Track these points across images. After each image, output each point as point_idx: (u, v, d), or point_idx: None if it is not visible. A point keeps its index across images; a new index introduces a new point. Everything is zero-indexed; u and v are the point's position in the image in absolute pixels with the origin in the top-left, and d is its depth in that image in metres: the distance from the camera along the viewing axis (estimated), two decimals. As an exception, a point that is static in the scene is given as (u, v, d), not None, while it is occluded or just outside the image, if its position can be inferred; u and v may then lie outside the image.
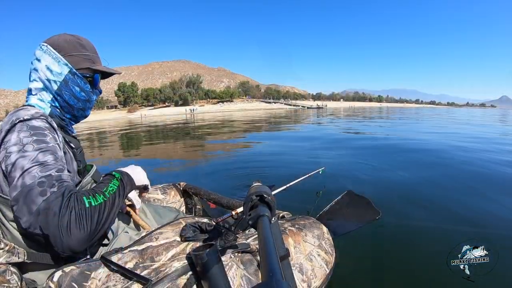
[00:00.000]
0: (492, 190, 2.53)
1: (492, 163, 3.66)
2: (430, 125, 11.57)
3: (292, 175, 2.11)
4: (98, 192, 0.69)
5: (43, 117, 0.71)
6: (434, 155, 4.36)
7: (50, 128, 0.71)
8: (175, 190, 1.64)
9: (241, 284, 0.70)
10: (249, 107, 57.52)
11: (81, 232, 0.60)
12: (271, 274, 0.29)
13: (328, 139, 6.97)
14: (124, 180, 0.80)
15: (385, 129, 9.69)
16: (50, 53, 0.77)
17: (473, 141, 5.96)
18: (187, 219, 0.91)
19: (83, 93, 0.83)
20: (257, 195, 0.53)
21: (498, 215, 1.98)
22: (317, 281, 0.90)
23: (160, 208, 1.23)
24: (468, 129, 9.44)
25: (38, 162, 0.62)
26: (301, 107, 58.06)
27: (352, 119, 16.02)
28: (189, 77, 77.49)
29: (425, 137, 7.11)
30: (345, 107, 62.39)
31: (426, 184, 2.81)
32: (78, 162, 0.84)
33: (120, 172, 0.82)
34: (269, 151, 5.41)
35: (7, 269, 0.66)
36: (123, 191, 0.77)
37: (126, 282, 0.63)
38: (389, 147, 5.36)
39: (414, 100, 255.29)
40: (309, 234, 1.01)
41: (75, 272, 0.62)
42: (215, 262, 0.57)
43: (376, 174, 3.30)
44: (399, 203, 2.26)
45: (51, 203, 0.58)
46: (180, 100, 66.11)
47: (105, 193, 0.70)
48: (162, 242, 0.76)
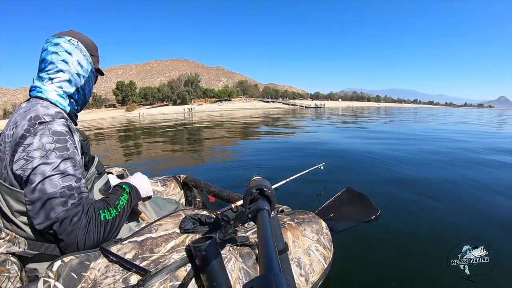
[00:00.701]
0: (492, 190, 2.52)
1: (492, 163, 3.66)
2: (433, 123, 11.52)
3: (292, 169, 2.11)
4: (111, 205, 0.76)
5: (64, 119, 0.73)
6: (434, 155, 4.35)
7: (69, 131, 0.73)
8: (175, 182, 1.64)
9: (239, 276, 0.70)
10: (247, 106, 57.46)
11: (93, 241, 0.68)
12: (269, 267, 0.29)
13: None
14: (132, 194, 0.87)
15: (387, 127, 9.65)
16: (81, 50, 0.83)
17: (473, 140, 5.94)
18: (186, 211, 0.91)
19: (92, 89, 0.93)
20: (257, 188, 0.52)
21: (498, 215, 1.97)
22: (315, 276, 0.91)
23: (160, 200, 1.24)
24: (466, 127, 9.41)
25: (60, 171, 0.66)
26: (299, 107, 57.80)
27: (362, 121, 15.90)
28: (188, 76, 77.20)
29: (425, 135, 7.10)
30: (343, 107, 62.07)
31: (427, 183, 2.81)
32: (85, 154, 0.86)
33: (129, 185, 0.89)
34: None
35: (7, 259, 0.67)
36: (130, 204, 0.85)
37: (125, 273, 0.63)
38: (389, 146, 5.35)
39: (412, 100, 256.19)
40: (308, 229, 1.01)
41: (75, 262, 0.62)
42: (214, 254, 0.57)
43: (376, 172, 3.30)
44: (399, 202, 2.26)
45: (71, 214, 0.65)
46: (178, 99, 66.17)
47: (118, 207, 0.77)
48: (161, 233, 0.76)
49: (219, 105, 60.31)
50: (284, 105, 62.57)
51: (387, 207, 2.01)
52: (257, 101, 74.80)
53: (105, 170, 0.96)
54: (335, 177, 2.91)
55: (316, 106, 58.58)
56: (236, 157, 4.67)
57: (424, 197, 2.35)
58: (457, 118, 16.47)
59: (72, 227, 0.64)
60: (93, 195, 0.85)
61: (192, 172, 3.51)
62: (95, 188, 0.86)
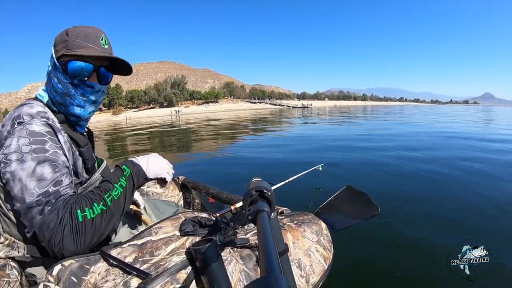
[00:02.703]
0: (493, 190, 2.53)
1: (493, 162, 3.67)
2: (428, 121, 11.57)
3: (291, 171, 2.11)
4: (98, 199, 0.68)
5: (44, 119, 0.69)
6: (434, 154, 4.36)
7: (50, 131, 0.69)
8: (173, 184, 1.64)
9: (240, 278, 0.70)
10: (235, 107, 57.57)
11: (76, 246, 0.63)
12: (270, 269, 0.29)
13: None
14: (133, 178, 0.77)
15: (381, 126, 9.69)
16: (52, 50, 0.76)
17: (472, 139, 5.96)
18: (186, 213, 0.91)
19: (60, 84, 0.75)
20: (257, 190, 0.53)
21: (498, 215, 1.97)
22: (315, 277, 0.91)
23: (160, 203, 1.24)
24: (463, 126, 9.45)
25: (36, 176, 0.63)
26: (286, 107, 58.06)
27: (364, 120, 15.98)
28: (174, 78, 77.13)
29: (424, 133, 7.11)
30: (330, 106, 62.37)
31: (427, 183, 2.81)
32: (87, 160, 0.82)
33: (131, 166, 0.78)
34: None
35: (7, 264, 0.67)
36: (131, 190, 0.76)
37: (126, 277, 0.63)
38: (389, 145, 5.37)
39: (398, 98, 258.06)
40: (308, 230, 1.01)
41: (75, 266, 0.62)
42: (215, 257, 0.57)
43: (377, 171, 3.30)
44: (399, 202, 2.26)
45: (47, 221, 0.62)
46: (165, 102, 66.13)
47: (107, 200, 0.69)
48: (161, 236, 0.76)
49: (206, 107, 60.35)
50: (271, 106, 62.89)
51: (387, 207, 2.01)
52: (244, 102, 75.19)
53: None
54: (334, 175, 2.92)
55: (303, 106, 58.88)
56: (233, 156, 4.67)
57: (424, 197, 2.35)
58: (447, 117, 16.49)
59: (50, 234, 0.61)
60: None
61: (190, 173, 3.50)
62: None
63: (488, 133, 7.52)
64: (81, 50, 0.73)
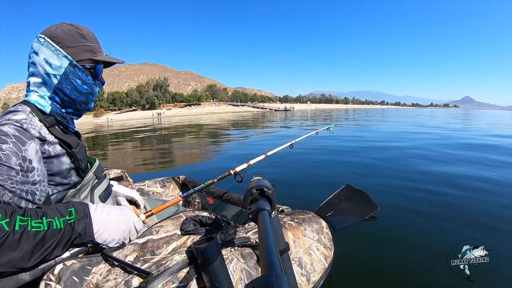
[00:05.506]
0: (493, 190, 2.53)
1: (493, 162, 3.68)
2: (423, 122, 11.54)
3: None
4: (25, 215, 0.57)
5: (19, 124, 0.65)
6: (434, 154, 4.37)
7: (19, 137, 0.64)
8: (174, 183, 1.64)
9: (241, 277, 0.70)
10: (217, 110, 58.13)
11: None
12: (271, 267, 0.29)
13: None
14: (74, 228, 0.63)
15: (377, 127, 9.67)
16: (48, 46, 0.72)
17: (471, 137, 5.97)
18: (187, 212, 0.91)
19: (85, 85, 0.78)
20: (258, 188, 0.53)
21: (498, 215, 1.97)
22: (316, 275, 0.91)
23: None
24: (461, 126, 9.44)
25: None
26: (268, 110, 58.56)
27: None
28: (156, 80, 76.80)
29: (424, 133, 7.12)
30: (312, 109, 62.69)
31: (427, 182, 2.81)
32: (79, 161, 0.80)
33: (83, 212, 0.66)
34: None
35: None
36: (58, 240, 0.60)
37: (127, 276, 0.63)
38: (389, 145, 5.37)
39: (380, 102, 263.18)
40: (309, 229, 1.01)
41: (76, 266, 0.62)
42: (216, 255, 0.57)
43: (377, 170, 3.30)
44: (399, 201, 2.26)
45: None
46: (147, 104, 66.03)
47: (29, 225, 0.56)
48: (162, 235, 0.76)
49: (189, 109, 60.54)
50: (254, 109, 63.60)
51: (387, 206, 2.01)
52: (227, 105, 75.75)
53: (105, 175, 0.92)
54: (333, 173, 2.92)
55: (286, 109, 59.58)
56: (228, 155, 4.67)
57: (424, 196, 2.35)
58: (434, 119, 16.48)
59: None
60: (94, 202, 0.82)
61: (189, 173, 3.50)
62: (96, 195, 0.84)
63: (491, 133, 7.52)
64: (102, 55, 0.81)
